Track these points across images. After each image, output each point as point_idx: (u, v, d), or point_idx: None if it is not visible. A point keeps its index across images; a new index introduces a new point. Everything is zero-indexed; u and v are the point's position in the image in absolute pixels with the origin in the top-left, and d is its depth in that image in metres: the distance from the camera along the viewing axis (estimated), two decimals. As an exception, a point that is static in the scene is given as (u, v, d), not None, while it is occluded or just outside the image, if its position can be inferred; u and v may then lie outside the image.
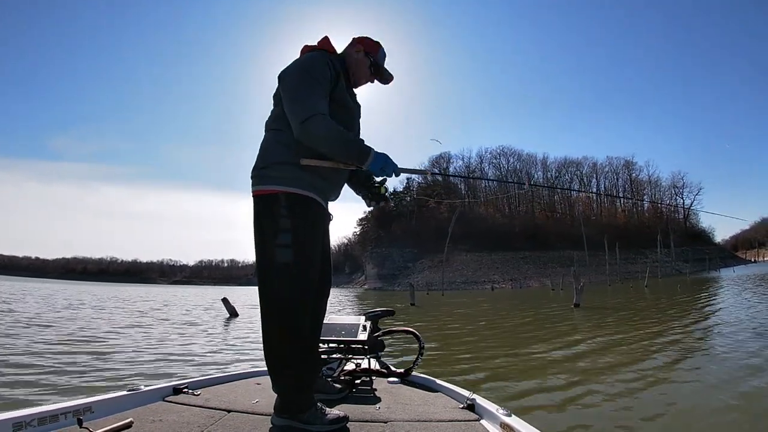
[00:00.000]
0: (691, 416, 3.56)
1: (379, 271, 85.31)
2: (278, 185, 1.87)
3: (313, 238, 1.93)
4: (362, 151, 1.88)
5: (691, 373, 5.11)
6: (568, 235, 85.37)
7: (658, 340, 7.56)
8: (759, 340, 6.99)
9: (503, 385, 4.79)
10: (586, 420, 3.51)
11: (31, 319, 11.24)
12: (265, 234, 1.87)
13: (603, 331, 9.15)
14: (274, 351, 1.85)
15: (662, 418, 3.51)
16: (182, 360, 6.25)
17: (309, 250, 1.89)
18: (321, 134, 1.82)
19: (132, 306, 19.33)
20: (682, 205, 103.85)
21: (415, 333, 2.86)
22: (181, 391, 2.20)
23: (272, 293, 1.85)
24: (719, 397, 4.01)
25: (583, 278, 20.63)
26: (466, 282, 71.44)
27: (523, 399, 4.18)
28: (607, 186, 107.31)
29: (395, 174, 1.95)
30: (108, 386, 4.51)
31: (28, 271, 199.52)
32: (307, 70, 1.92)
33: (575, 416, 3.61)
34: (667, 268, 71.57)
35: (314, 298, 1.95)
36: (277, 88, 2.00)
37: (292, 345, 1.84)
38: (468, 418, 1.93)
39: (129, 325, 11.07)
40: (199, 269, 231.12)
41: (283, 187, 1.86)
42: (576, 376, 5.08)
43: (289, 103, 1.87)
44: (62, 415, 1.70)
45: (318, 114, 1.82)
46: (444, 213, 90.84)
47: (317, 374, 2.19)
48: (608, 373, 5.19)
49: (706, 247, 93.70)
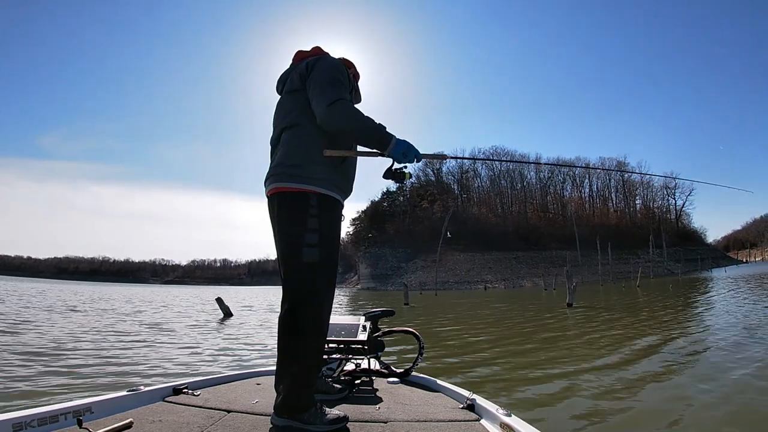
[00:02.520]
0: (688, 413, 3.58)
1: (373, 270, 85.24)
2: (309, 185, 1.91)
3: (337, 240, 1.99)
4: (385, 137, 1.90)
5: (686, 370, 5.15)
6: (560, 235, 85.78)
7: (652, 339, 7.60)
8: (750, 338, 7.05)
9: (502, 384, 4.80)
10: (586, 419, 3.52)
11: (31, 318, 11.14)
12: (293, 232, 1.90)
13: (597, 331, 9.19)
14: (291, 346, 1.87)
15: (661, 416, 3.53)
16: (181, 360, 6.22)
17: (333, 251, 1.95)
18: (346, 114, 1.88)
19: (126, 306, 19.20)
20: (674, 206, 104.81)
21: (414, 333, 2.87)
22: (180, 392, 2.20)
23: (298, 291, 1.88)
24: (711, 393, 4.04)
25: (576, 278, 20.71)
26: (459, 282, 71.56)
27: (520, 398, 4.19)
28: (599, 186, 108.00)
29: (417, 159, 1.96)
30: (108, 387, 4.50)
31: (20, 271, 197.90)
32: (338, 69, 2.03)
33: (574, 416, 3.62)
34: (659, 269, 72.11)
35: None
36: (295, 88, 2.06)
37: (312, 341, 1.88)
38: (468, 418, 1.94)
39: (125, 325, 10.99)
40: (192, 269, 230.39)
41: (315, 187, 1.91)
42: (573, 375, 5.10)
43: (319, 88, 1.93)
44: (62, 416, 1.70)
45: (345, 99, 1.91)
46: (437, 213, 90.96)
47: (319, 374, 2.20)
48: (604, 371, 5.22)
49: (698, 248, 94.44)
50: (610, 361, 5.86)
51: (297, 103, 2.03)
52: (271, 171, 2.00)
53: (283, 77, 2.21)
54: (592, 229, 79.94)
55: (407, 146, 1.92)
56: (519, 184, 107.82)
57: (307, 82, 2.01)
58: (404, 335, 2.94)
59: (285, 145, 2.00)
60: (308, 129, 1.97)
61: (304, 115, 1.99)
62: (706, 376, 4.79)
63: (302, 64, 2.08)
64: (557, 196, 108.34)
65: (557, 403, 3.99)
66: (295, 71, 2.09)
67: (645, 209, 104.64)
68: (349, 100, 1.95)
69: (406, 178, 2.00)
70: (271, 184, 1.97)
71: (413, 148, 1.94)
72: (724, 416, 3.51)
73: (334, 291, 1.99)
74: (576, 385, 4.60)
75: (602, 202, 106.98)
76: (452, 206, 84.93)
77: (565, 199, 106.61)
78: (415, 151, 1.94)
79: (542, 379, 5.00)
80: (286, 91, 2.13)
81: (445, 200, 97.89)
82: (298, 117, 2.00)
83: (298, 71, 2.06)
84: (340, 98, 1.88)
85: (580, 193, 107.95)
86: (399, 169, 1.99)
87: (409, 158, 1.94)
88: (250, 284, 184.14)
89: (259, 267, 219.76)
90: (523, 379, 5.02)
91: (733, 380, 4.56)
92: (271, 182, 1.97)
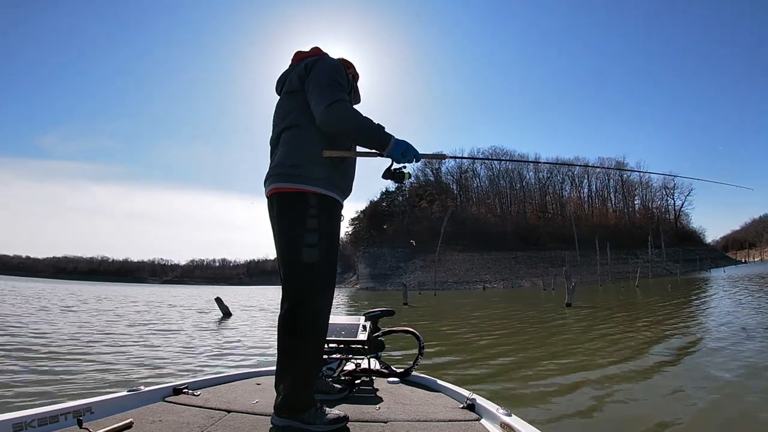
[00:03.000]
0: (688, 412, 3.59)
1: (372, 270, 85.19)
2: (308, 185, 1.91)
3: (336, 240, 1.99)
4: (383, 137, 1.90)
5: (685, 369, 5.18)
6: (559, 235, 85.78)
7: (651, 338, 7.63)
8: (748, 337, 7.07)
9: (502, 384, 4.82)
10: (586, 419, 3.54)
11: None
12: (293, 233, 1.90)
13: (596, 330, 9.22)
14: (291, 345, 1.86)
15: (660, 416, 3.54)
16: (181, 360, 6.22)
17: (332, 251, 1.95)
18: (344, 115, 1.88)
19: (125, 306, 19.18)
20: (673, 206, 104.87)
21: (415, 333, 2.87)
22: (181, 392, 2.20)
23: (297, 291, 1.88)
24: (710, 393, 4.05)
25: (575, 278, 20.73)
26: (458, 282, 71.52)
27: (520, 398, 4.20)
28: (598, 187, 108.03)
29: (416, 159, 1.96)
30: (108, 387, 4.50)
31: (18, 271, 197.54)
32: (337, 70, 2.03)
33: (574, 415, 3.63)
34: (658, 269, 72.13)
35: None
36: (294, 89, 2.06)
37: (312, 341, 1.88)
38: (468, 418, 1.94)
39: (124, 325, 10.99)
40: (191, 269, 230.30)
41: (314, 187, 1.91)
42: (572, 374, 5.11)
43: (317, 89, 1.93)
44: (62, 416, 1.70)
45: (344, 100, 1.90)
46: (436, 213, 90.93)
47: (318, 374, 2.20)
48: (604, 371, 5.24)
49: (696, 248, 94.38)
50: (609, 360, 5.88)
51: (296, 103, 2.03)
52: (271, 171, 2.00)
53: (282, 78, 2.21)
54: (591, 229, 79.94)
55: (406, 146, 1.92)
56: (518, 184, 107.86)
57: (306, 83, 2.01)
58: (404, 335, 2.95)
59: (284, 146, 2.00)
60: (308, 130, 1.98)
61: (304, 116, 1.99)
62: (705, 375, 4.81)
63: (301, 65, 2.08)
64: (556, 196, 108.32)
65: (557, 403, 4.00)
66: (294, 72, 2.09)
67: (644, 209, 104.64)
68: (348, 100, 1.94)
69: (405, 178, 2.00)
70: (271, 185, 1.97)
71: (412, 148, 1.94)
72: (724, 416, 3.53)
73: (333, 291, 1.99)
74: (576, 385, 4.61)
75: (601, 203, 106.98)
76: (451, 206, 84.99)
77: (564, 199, 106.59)
78: (414, 151, 1.94)
79: (542, 378, 5.01)
80: (285, 92, 2.13)
81: (444, 200, 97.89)
82: (298, 118, 2.01)
83: (297, 72, 2.06)
84: (338, 99, 1.88)
85: (579, 193, 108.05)
86: (398, 169, 1.99)
87: (408, 158, 1.94)
88: (249, 284, 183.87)
89: (258, 267, 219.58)
90: (523, 379, 5.03)
91: (731, 380, 4.58)
92: (270, 182, 1.98)
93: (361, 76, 2.35)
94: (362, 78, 2.36)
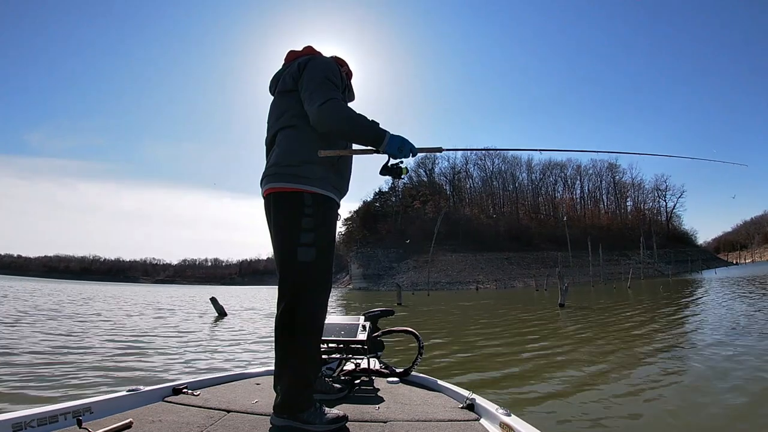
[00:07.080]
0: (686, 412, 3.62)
1: (364, 271, 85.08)
2: (304, 184, 1.91)
3: (332, 239, 2.00)
4: (379, 133, 1.89)
5: (681, 369, 5.21)
6: (552, 236, 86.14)
7: (644, 339, 7.69)
8: (738, 338, 7.13)
9: (501, 384, 4.84)
10: (585, 418, 3.55)
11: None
12: (289, 232, 1.91)
13: (590, 331, 9.28)
14: (289, 345, 1.87)
15: (659, 415, 3.57)
16: (179, 360, 6.19)
17: (328, 250, 1.96)
18: (337, 114, 1.87)
19: (120, 306, 19.05)
20: (665, 208, 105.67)
21: (414, 333, 2.87)
22: (180, 392, 2.20)
23: (294, 290, 1.88)
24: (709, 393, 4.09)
25: (567, 279, 20.86)
26: (451, 282, 71.65)
27: (520, 398, 4.22)
28: (590, 188, 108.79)
29: (412, 154, 1.96)
30: (107, 387, 4.47)
31: (9, 270, 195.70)
32: (330, 69, 2.03)
33: (573, 414, 3.65)
34: (650, 270, 72.74)
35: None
36: (287, 88, 2.06)
37: (309, 340, 1.89)
38: (467, 418, 1.94)
39: (122, 325, 10.92)
40: (183, 268, 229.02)
41: (310, 186, 1.91)
42: (570, 374, 5.15)
43: (310, 88, 1.93)
44: (62, 416, 1.69)
45: (336, 98, 1.90)
46: (429, 213, 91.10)
47: (318, 374, 2.20)
48: (600, 370, 5.28)
49: (688, 249, 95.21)
50: (605, 360, 5.93)
51: (290, 104, 2.04)
52: (267, 171, 2.00)
53: (276, 78, 2.21)
54: (584, 230, 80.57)
55: (402, 141, 1.91)
56: (511, 185, 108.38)
57: (299, 82, 2.01)
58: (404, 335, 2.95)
59: (280, 146, 2.01)
60: (303, 129, 1.98)
61: (298, 116, 1.99)
62: (701, 375, 4.86)
63: (294, 65, 2.08)
64: (549, 197, 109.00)
65: (556, 403, 4.02)
66: (287, 72, 2.09)
67: (636, 211, 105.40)
68: (341, 99, 1.94)
69: (403, 173, 1.99)
70: (267, 185, 1.97)
71: (408, 142, 1.93)
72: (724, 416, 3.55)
73: (330, 290, 2.00)
74: (573, 384, 4.65)
75: (593, 204, 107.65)
76: (444, 207, 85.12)
77: (556, 200, 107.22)
78: (410, 146, 1.94)
79: (540, 378, 5.04)
80: (278, 92, 2.12)
81: (437, 201, 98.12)
82: (292, 118, 2.01)
83: (290, 72, 2.06)
84: (331, 98, 1.87)
85: (571, 194, 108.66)
86: (395, 164, 1.99)
87: (404, 153, 1.93)
88: (241, 284, 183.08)
89: (251, 266, 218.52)
90: (521, 379, 5.05)
91: (731, 380, 4.62)
92: (266, 182, 1.98)
93: (355, 74, 2.34)
94: (356, 75, 2.35)
